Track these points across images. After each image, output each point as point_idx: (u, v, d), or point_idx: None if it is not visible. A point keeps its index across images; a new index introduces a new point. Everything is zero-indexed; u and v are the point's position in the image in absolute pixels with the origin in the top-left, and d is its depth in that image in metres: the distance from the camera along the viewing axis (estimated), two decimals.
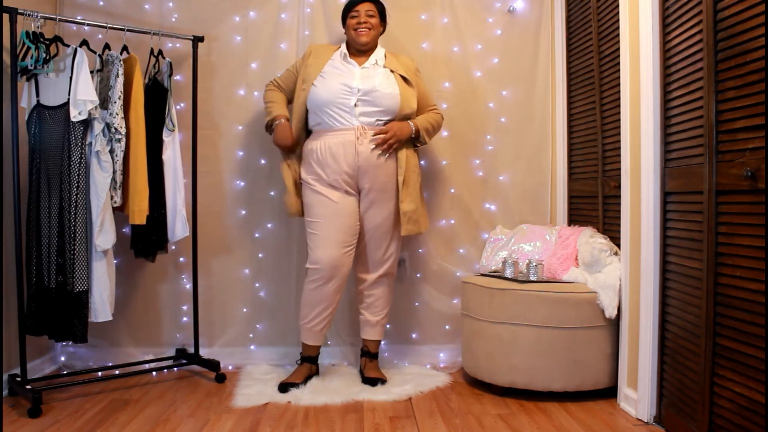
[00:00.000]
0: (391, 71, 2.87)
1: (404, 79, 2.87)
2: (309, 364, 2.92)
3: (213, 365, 2.97)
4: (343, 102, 2.79)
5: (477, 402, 2.64)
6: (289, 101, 2.98)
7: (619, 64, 2.61)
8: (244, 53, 3.23)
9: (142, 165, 2.69)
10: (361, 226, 2.87)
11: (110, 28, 2.75)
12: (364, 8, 2.88)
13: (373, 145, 2.77)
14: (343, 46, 2.94)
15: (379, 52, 2.94)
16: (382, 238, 2.88)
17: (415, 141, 2.92)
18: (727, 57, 1.88)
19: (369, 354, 3.00)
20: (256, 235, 3.25)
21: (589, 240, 2.77)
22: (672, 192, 2.25)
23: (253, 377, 2.94)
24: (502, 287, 2.69)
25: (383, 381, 2.86)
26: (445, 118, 3.31)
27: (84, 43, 2.67)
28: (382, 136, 2.77)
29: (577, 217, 3.18)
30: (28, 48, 2.53)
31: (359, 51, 2.92)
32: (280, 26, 3.23)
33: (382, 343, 3.21)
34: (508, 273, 2.82)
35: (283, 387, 2.76)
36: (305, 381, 2.84)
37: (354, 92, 2.79)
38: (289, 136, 2.85)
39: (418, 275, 3.31)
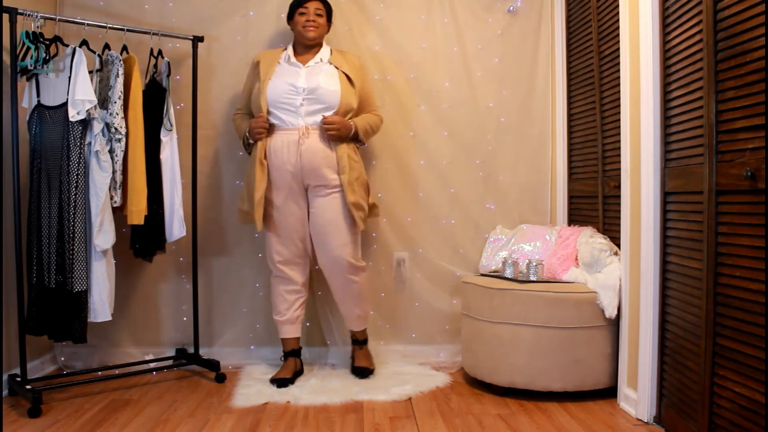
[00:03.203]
0: (336, 68, 2.91)
1: (348, 78, 2.90)
2: (293, 358, 2.97)
3: (213, 365, 2.97)
4: (289, 102, 2.82)
5: (477, 402, 2.64)
6: None
7: (619, 64, 2.61)
8: (244, 53, 3.22)
9: (140, 165, 2.70)
10: (311, 228, 2.91)
11: (110, 28, 2.75)
12: (313, 6, 2.91)
13: (316, 145, 2.79)
14: (289, 48, 2.98)
15: (324, 51, 2.97)
16: (331, 235, 2.86)
17: (355, 140, 2.93)
18: (727, 57, 1.88)
19: (358, 341, 3.07)
20: (256, 235, 3.24)
21: (589, 240, 2.77)
22: (672, 192, 2.25)
23: (253, 377, 2.94)
24: (502, 287, 2.69)
25: (371, 371, 2.94)
26: (445, 118, 3.32)
27: (84, 43, 2.67)
28: (329, 119, 2.79)
29: (577, 217, 3.18)
30: (28, 48, 2.53)
31: (305, 47, 2.95)
32: (280, 26, 3.23)
33: (381, 342, 3.21)
34: (508, 273, 2.82)
35: (275, 382, 2.81)
36: (294, 376, 2.89)
37: (299, 92, 2.83)
38: (261, 115, 2.83)
39: (418, 275, 3.31)
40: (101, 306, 2.62)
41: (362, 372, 2.93)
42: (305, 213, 2.90)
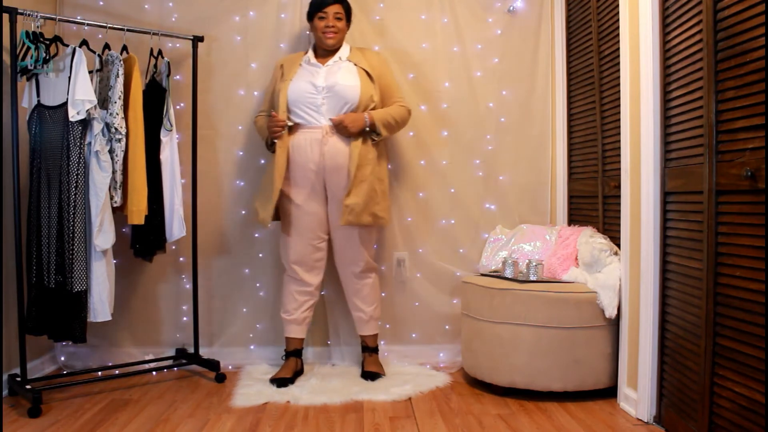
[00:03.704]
0: (354, 64, 2.92)
1: (367, 73, 2.91)
2: (295, 358, 2.97)
3: (213, 365, 2.97)
4: (310, 101, 2.84)
5: (477, 402, 2.64)
6: None
7: (619, 64, 2.61)
8: (244, 53, 3.22)
9: (140, 165, 2.70)
10: (329, 226, 2.94)
11: (110, 28, 2.75)
12: (332, 10, 2.91)
13: (339, 144, 2.82)
14: (310, 51, 2.99)
15: (344, 50, 2.98)
16: (348, 238, 2.92)
17: (371, 134, 2.89)
18: (727, 57, 1.88)
19: (368, 348, 3.06)
20: (256, 235, 3.25)
21: (589, 240, 2.77)
22: (672, 192, 2.25)
23: (253, 377, 2.94)
24: (502, 287, 2.69)
25: (381, 375, 2.93)
26: (445, 118, 3.32)
27: (84, 43, 2.67)
28: (337, 118, 2.79)
29: (577, 217, 3.18)
30: (28, 48, 2.53)
31: (325, 51, 2.96)
32: (280, 26, 3.23)
33: (382, 342, 3.21)
34: (508, 273, 2.82)
35: (275, 381, 2.82)
36: (294, 376, 2.89)
37: (319, 90, 2.85)
38: (279, 115, 2.82)
39: (418, 275, 3.31)
40: (101, 306, 2.62)
41: (373, 376, 2.92)
42: (325, 214, 2.92)
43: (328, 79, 2.86)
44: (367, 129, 2.85)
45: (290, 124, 2.85)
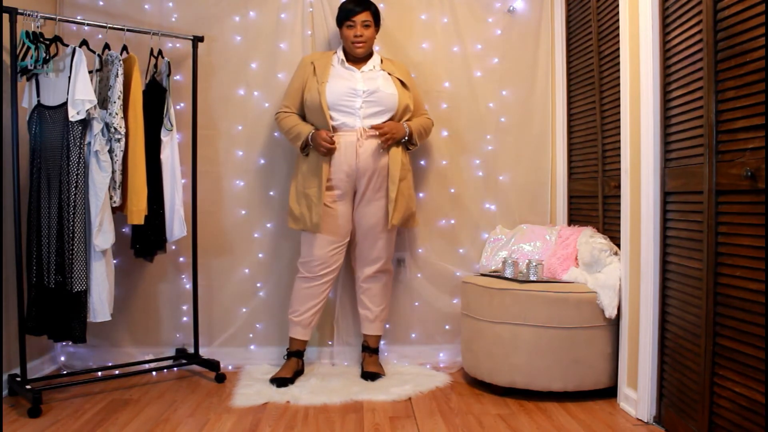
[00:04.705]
0: (389, 74, 2.96)
1: (401, 82, 2.96)
2: (296, 358, 2.98)
3: (213, 365, 2.97)
4: (348, 104, 2.86)
5: (477, 402, 2.64)
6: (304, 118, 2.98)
7: (619, 64, 2.61)
8: (244, 53, 3.23)
9: (140, 165, 2.70)
10: (354, 225, 2.96)
11: (110, 28, 2.75)
12: (360, 19, 2.91)
13: (372, 147, 2.85)
14: (340, 52, 3.00)
15: (375, 58, 3.02)
16: (374, 238, 2.96)
17: (407, 143, 2.97)
18: (727, 57, 1.88)
19: (369, 349, 3.08)
20: (256, 235, 3.25)
21: (589, 240, 2.77)
22: (672, 192, 2.25)
23: (253, 377, 2.94)
24: (502, 287, 2.69)
25: (381, 375, 2.94)
26: (445, 118, 3.33)
27: (84, 43, 2.67)
28: (380, 126, 2.85)
29: (577, 217, 3.18)
30: (28, 48, 2.53)
31: (356, 59, 2.98)
32: (280, 26, 3.23)
33: (382, 342, 3.21)
34: (508, 273, 2.82)
35: (274, 381, 2.82)
36: (294, 376, 2.90)
37: (359, 94, 2.87)
38: (330, 135, 2.82)
39: (418, 275, 3.31)
40: (101, 306, 2.62)
41: (373, 376, 2.92)
42: (351, 215, 2.94)
43: (369, 84, 2.89)
44: (405, 139, 2.93)
45: (335, 145, 2.84)
